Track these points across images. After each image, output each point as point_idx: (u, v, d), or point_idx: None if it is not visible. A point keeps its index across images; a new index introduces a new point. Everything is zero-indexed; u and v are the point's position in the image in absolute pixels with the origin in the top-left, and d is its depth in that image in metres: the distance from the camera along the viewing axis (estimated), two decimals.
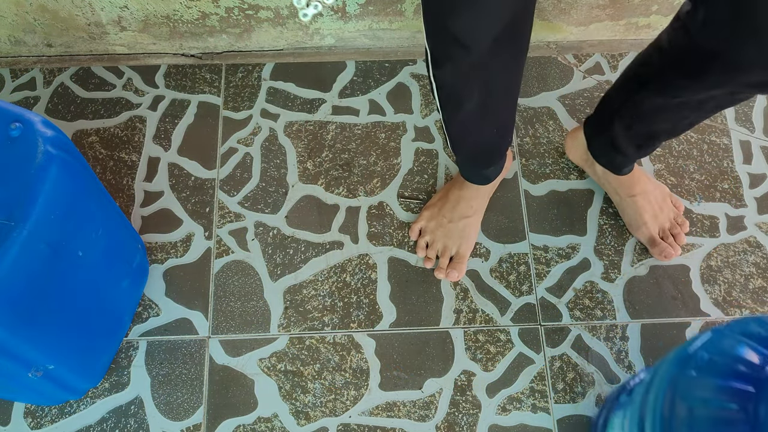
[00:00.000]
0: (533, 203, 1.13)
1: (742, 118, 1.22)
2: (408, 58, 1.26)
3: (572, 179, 1.16)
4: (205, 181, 1.15)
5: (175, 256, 1.08)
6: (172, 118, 1.20)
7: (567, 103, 1.21)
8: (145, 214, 1.12)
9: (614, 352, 1.03)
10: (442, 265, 1.05)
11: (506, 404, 0.99)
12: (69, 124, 1.19)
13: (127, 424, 0.97)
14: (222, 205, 1.13)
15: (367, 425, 0.98)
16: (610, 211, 1.13)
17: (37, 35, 1.20)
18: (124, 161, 1.16)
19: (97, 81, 1.23)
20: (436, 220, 1.06)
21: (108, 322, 0.97)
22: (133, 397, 0.99)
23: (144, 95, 1.22)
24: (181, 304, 1.05)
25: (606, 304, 1.06)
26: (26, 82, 1.23)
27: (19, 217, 0.71)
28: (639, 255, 1.10)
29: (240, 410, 0.99)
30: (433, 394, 1.00)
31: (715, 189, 1.15)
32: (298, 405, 0.99)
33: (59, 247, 0.78)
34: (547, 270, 1.08)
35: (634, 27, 1.25)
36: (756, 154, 1.19)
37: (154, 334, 1.03)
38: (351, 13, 1.18)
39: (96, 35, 1.21)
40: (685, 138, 1.19)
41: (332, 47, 1.27)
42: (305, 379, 1.00)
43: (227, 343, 1.03)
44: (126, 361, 1.01)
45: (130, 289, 1.01)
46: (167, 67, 1.25)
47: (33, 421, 0.97)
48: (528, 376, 1.01)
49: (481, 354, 1.02)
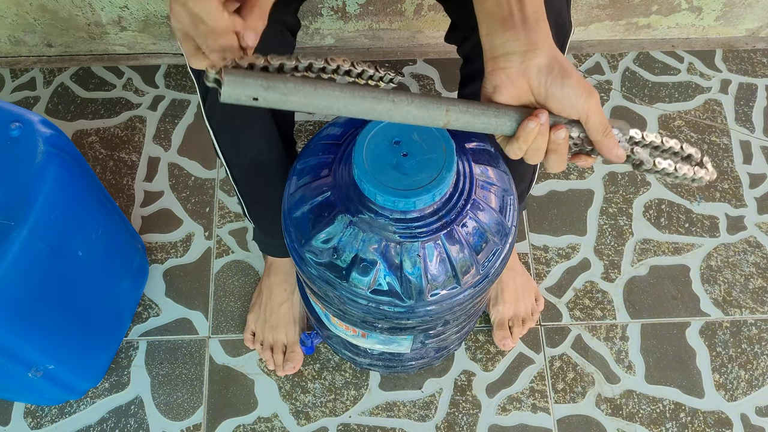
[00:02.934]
0: (533, 203, 1.13)
1: (742, 118, 1.22)
2: (408, 58, 1.26)
3: (572, 179, 1.16)
4: (205, 181, 1.15)
5: (175, 256, 1.08)
6: (172, 118, 1.20)
7: None
8: (145, 214, 1.12)
9: (614, 352, 1.03)
10: (278, 362, 0.99)
11: (506, 404, 0.99)
12: (69, 124, 1.19)
13: (127, 424, 0.97)
14: (222, 205, 1.13)
15: (367, 425, 0.98)
16: (610, 211, 1.13)
17: (37, 35, 1.20)
18: (124, 161, 1.16)
19: (97, 81, 1.23)
20: (260, 317, 1.01)
21: (108, 322, 0.97)
22: (133, 397, 0.99)
23: (144, 95, 1.22)
24: (181, 304, 1.05)
25: (606, 304, 1.06)
26: (26, 82, 1.23)
27: (19, 216, 0.71)
28: (639, 255, 1.10)
29: (240, 410, 0.99)
30: (433, 394, 1.00)
31: (715, 189, 1.15)
32: (298, 405, 0.99)
33: (59, 247, 0.78)
34: (547, 270, 1.08)
35: (634, 27, 1.25)
36: (756, 154, 1.19)
37: (154, 334, 1.03)
38: (351, 13, 1.18)
39: (96, 35, 1.21)
40: (685, 138, 1.19)
41: (332, 47, 1.26)
42: (305, 379, 1.00)
43: (227, 343, 1.03)
44: (126, 361, 1.01)
45: (130, 289, 1.01)
46: (167, 67, 1.25)
47: (33, 421, 0.97)
48: (528, 376, 1.01)
49: (481, 354, 1.02)
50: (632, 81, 1.24)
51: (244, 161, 0.83)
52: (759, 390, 1.00)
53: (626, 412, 0.99)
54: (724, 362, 1.02)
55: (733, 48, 1.29)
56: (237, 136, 0.79)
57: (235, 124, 0.77)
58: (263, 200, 0.90)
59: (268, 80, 0.47)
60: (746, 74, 1.26)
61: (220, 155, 0.83)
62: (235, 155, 0.83)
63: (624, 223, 1.12)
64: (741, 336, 1.04)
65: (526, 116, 0.52)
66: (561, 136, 0.52)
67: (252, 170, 0.84)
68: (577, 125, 0.53)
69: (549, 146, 0.53)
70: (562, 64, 0.51)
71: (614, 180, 1.15)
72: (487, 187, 0.67)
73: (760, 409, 0.99)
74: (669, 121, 1.21)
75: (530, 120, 0.51)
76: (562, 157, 0.54)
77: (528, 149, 0.53)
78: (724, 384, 1.01)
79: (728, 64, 1.27)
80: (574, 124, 0.53)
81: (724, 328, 1.05)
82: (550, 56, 0.51)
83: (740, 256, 1.10)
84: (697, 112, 1.22)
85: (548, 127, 0.52)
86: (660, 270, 1.09)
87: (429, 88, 1.23)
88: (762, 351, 1.03)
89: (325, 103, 0.49)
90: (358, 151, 0.60)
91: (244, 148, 0.81)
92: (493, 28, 0.52)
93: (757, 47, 1.29)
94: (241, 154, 0.82)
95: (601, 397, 1.00)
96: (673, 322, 1.05)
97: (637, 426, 0.98)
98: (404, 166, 0.60)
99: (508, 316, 1.01)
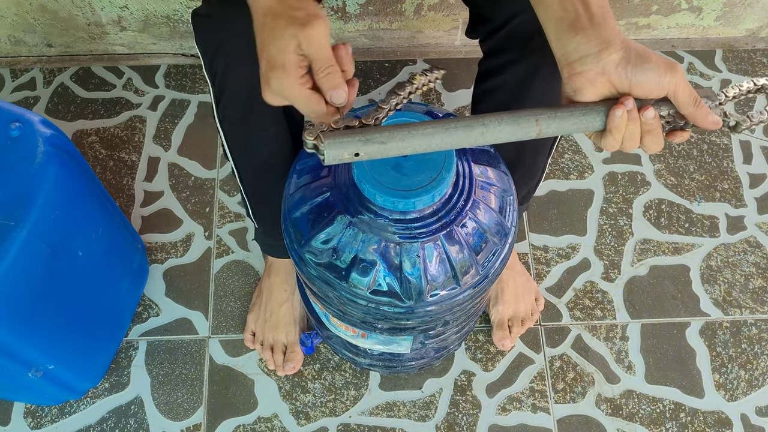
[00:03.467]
0: (533, 203, 1.13)
1: None
2: (408, 58, 1.26)
3: (572, 179, 1.16)
4: (205, 181, 1.15)
5: (175, 256, 1.08)
6: (172, 118, 1.20)
7: None
8: (145, 214, 1.12)
9: (614, 352, 1.03)
10: (278, 362, 0.99)
11: (506, 404, 0.99)
12: (69, 124, 1.19)
13: (127, 424, 0.97)
14: (222, 205, 1.13)
15: (367, 425, 0.98)
16: (610, 211, 1.13)
17: (37, 35, 1.20)
18: (124, 161, 1.16)
19: (97, 81, 1.23)
20: (260, 317, 1.01)
21: (108, 322, 0.97)
22: (133, 397, 0.99)
23: (144, 95, 1.22)
24: (181, 304, 1.05)
25: (606, 304, 1.06)
26: (26, 82, 1.23)
27: (19, 216, 0.71)
28: (639, 255, 1.10)
29: (240, 410, 0.99)
30: (433, 394, 1.00)
31: (715, 189, 1.15)
32: (298, 405, 0.99)
33: (59, 246, 0.78)
34: (547, 270, 1.08)
35: (634, 27, 1.25)
36: (756, 154, 1.19)
37: (154, 334, 1.03)
38: (351, 13, 1.18)
39: (96, 35, 1.21)
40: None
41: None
42: (305, 379, 1.00)
43: (227, 343, 1.03)
44: (126, 361, 1.01)
45: (130, 289, 1.01)
46: (167, 67, 1.25)
47: (33, 421, 0.97)
48: (528, 376, 1.01)
49: (481, 354, 1.02)
50: None
51: (255, 163, 0.83)
52: (759, 390, 1.00)
53: (626, 412, 0.99)
54: (724, 362, 1.02)
55: (733, 48, 1.29)
56: (249, 139, 0.79)
57: (248, 126, 0.77)
58: (269, 201, 0.90)
59: (365, 134, 0.51)
60: (746, 74, 1.26)
61: (229, 157, 0.83)
62: (245, 157, 0.82)
63: (624, 223, 1.12)
64: (741, 336, 1.04)
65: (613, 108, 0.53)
66: (651, 116, 0.52)
67: (261, 172, 0.84)
68: (665, 102, 0.54)
69: (642, 128, 0.53)
70: (637, 50, 0.51)
71: (614, 180, 1.15)
72: (486, 187, 0.67)
73: (760, 409, 0.99)
74: None
75: (617, 108, 0.52)
76: (658, 137, 0.54)
77: (623, 138, 0.54)
78: (724, 384, 1.01)
79: (728, 64, 1.27)
80: (662, 102, 0.54)
81: (724, 328, 1.05)
82: (624, 48, 0.51)
83: (740, 256, 1.10)
84: None
85: (636, 112, 0.53)
86: (660, 270, 1.09)
87: (429, 88, 1.23)
88: (762, 351, 1.03)
89: (423, 142, 0.52)
90: None
91: (256, 151, 0.81)
92: (563, 33, 0.52)
93: (757, 47, 1.29)
94: (251, 157, 0.82)
95: (601, 397, 1.00)
96: (673, 322, 1.05)
97: (637, 426, 0.98)
98: (404, 167, 0.60)
99: (508, 316, 1.01)
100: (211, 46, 0.70)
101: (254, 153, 0.81)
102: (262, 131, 0.78)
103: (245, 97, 0.72)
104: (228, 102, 0.74)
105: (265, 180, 0.86)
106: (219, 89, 0.73)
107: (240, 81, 0.71)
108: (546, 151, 0.87)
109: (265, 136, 0.79)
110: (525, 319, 1.01)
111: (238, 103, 0.74)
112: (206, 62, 0.72)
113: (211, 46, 0.70)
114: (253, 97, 0.72)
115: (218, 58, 0.70)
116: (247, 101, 0.73)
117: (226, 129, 0.78)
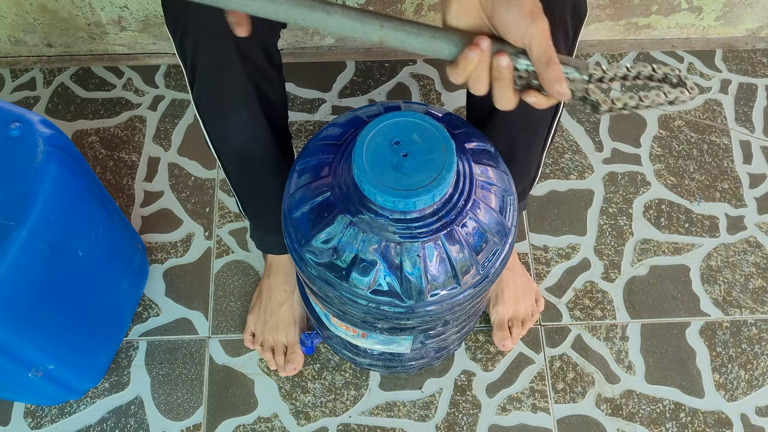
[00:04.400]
0: (533, 203, 1.13)
1: (742, 118, 1.22)
2: (408, 58, 1.26)
3: (572, 179, 1.16)
4: (205, 181, 1.15)
5: (175, 256, 1.08)
6: (172, 118, 1.20)
7: (567, 103, 1.21)
8: (145, 214, 1.12)
9: (614, 352, 1.03)
10: (279, 363, 0.99)
11: (506, 404, 0.99)
12: (69, 124, 1.19)
13: (127, 424, 0.97)
14: (222, 205, 1.13)
15: (367, 425, 0.98)
16: (610, 211, 1.13)
17: (37, 35, 1.20)
18: (124, 161, 1.16)
19: (97, 81, 1.23)
20: (260, 318, 1.00)
21: (108, 322, 0.97)
22: (133, 397, 0.99)
23: (144, 95, 1.22)
24: (181, 304, 1.05)
25: (606, 304, 1.06)
26: (26, 82, 1.23)
27: (19, 216, 0.71)
28: (639, 255, 1.10)
29: (240, 410, 0.99)
30: (433, 394, 1.00)
31: (715, 189, 1.15)
32: (298, 405, 0.99)
33: (59, 246, 0.78)
34: (547, 270, 1.08)
35: (634, 27, 1.25)
36: (756, 154, 1.19)
37: (154, 334, 1.03)
38: None
39: (96, 35, 1.21)
40: (685, 138, 1.19)
41: (332, 47, 1.27)
42: (305, 379, 1.00)
43: (227, 343, 1.03)
44: (126, 361, 1.01)
45: (130, 289, 1.01)
46: (167, 67, 1.25)
47: (33, 421, 0.97)
48: (528, 376, 1.01)
49: (481, 354, 1.02)
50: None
51: (233, 151, 0.82)
52: (759, 390, 1.00)
53: (626, 412, 0.99)
54: (724, 362, 1.02)
55: (733, 48, 1.29)
56: (223, 123, 0.79)
57: (221, 109, 0.77)
58: (256, 194, 0.90)
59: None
60: (746, 74, 1.26)
61: (210, 145, 0.83)
62: (223, 144, 0.82)
63: (624, 223, 1.12)
64: (741, 336, 1.04)
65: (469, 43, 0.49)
66: (503, 64, 0.49)
67: (242, 160, 0.84)
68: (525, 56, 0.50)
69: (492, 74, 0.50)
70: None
71: (614, 180, 1.16)
72: (487, 187, 0.67)
73: (760, 409, 0.99)
74: (669, 121, 1.21)
75: (470, 49, 0.49)
76: (507, 89, 0.51)
77: (469, 77, 0.51)
78: (724, 384, 1.01)
79: (728, 64, 1.27)
80: (522, 55, 0.50)
81: (724, 328, 1.05)
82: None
83: (740, 256, 1.10)
84: (697, 112, 1.22)
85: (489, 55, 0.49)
86: (660, 270, 1.09)
87: (429, 88, 1.23)
88: (762, 351, 1.03)
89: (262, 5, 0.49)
90: (358, 151, 0.60)
91: (232, 135, 0.80)
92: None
93: (757, 47, 1.29)
94: (229, 143, 0.82)
95: (601, 397, 1.00)
96: (673, 322, 1.05)
97: (637, 426, 0.98)
98: (404, 167, 0.60)
99: (508, 316, 1.01)
100: (180, 26, 0.70)
101: (230, 138, 0.81)
102: (236, 114, 0.78)
103: (215, 75, 0.73)
104: (201, 84, 0.75)
105: (248, 171, 0.85)
106: (191, 70, 0.74)
107: (207, 59, 0.71)
108: (539, 144, 0.86)
109: (239, 121, 0.79)
110: (525, 319, 1.01)
111: (208, 82, 0.74)
112: (177, 45, 0.72)
113: (180, 26, 0.70)
114: (222, 76, 0.73)
115: (187, 38, 0.70)
116: (217, 80, 0.74)
117: (202, 114, 0.79)
